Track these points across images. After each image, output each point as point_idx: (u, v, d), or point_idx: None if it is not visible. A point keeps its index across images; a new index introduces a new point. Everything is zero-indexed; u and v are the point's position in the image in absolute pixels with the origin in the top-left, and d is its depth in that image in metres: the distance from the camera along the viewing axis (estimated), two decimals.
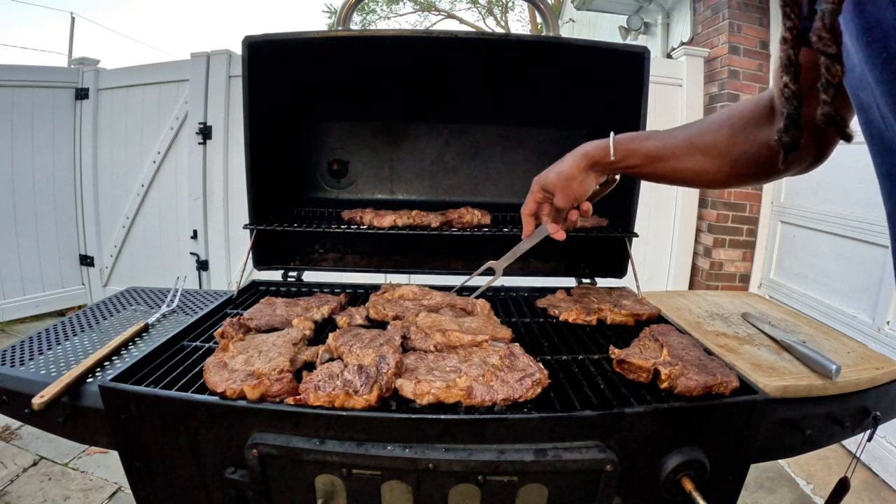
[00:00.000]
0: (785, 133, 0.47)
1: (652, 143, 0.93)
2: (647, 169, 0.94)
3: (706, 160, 0.86)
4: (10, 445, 2.49)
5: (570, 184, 1.00)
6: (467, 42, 1.41)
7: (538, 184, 1.05)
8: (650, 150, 0.92)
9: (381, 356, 0.93)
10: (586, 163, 0.99)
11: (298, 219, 1.67)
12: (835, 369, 1.00)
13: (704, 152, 0.86)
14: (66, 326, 1.28)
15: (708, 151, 0.86)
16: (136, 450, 0.91)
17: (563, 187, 1.00)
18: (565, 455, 0.80)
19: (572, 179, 1.00)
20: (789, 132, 0.47)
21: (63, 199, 4.22)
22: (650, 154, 0.92)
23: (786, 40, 0.44)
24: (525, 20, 16.00)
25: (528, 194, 1.08)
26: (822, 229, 3.06)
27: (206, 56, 3.77)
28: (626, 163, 0.95)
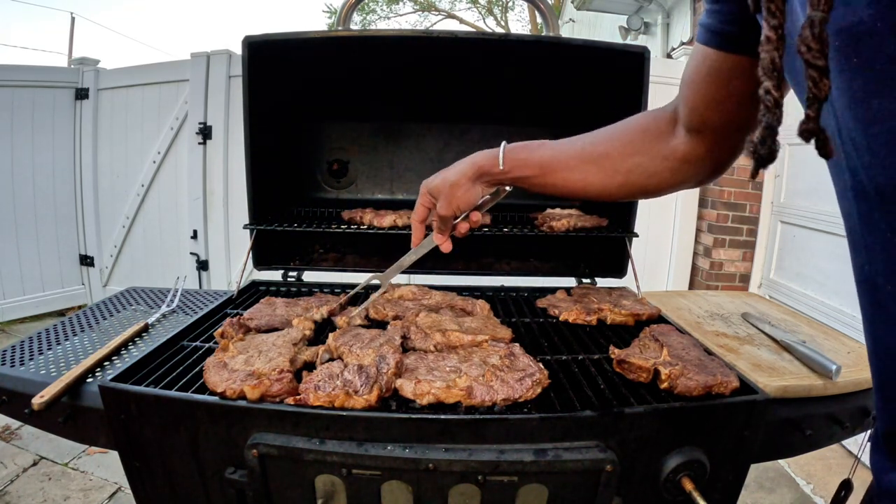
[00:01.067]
0: (761, 145, 0.43)
1: (544, 151, 0.90)
2: (537, 180, 0.90)
3: (598, 170, 0.85)
4: (10, 445, 2.49)
5: (455, 192, 0.94)
6: (467, 42, 1.41)
7: (425, 188, 0.98)
8: (542, 159, 0.89)
9: (381, 356, 0.93)
10: (473, 171, 0.93)
11: (298, 219, 1.67)
12: (835, 369, 1.00)
13: (597, 162, 0.85)
14: (66, 326, 1.28)
15: (600, 162, 0.84)
16: (136, 450, 0.91)
17: (447, 194, 0.94)
18: (565, 455, 0.80)
19: (457, 187, 0.93)
20: (766, 144, 0.43)
21: (63, 199, 4.22)
22: (542, 164, 0.89)
23: (769, 40, 0.40)
24: (525, 20, 16.02)
25: (418, 199, 1.00)
26: (822, 229, 3.06)
27: (206, 56, 3.77)
28: (516, 174, 0.91)
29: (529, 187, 0.94)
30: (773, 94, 0.42)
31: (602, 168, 0.85)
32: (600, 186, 0.86)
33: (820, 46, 0.36)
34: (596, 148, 0.86)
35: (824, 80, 0.37)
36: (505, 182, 0.95)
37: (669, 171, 0.81)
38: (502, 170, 0.92)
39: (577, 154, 0.87)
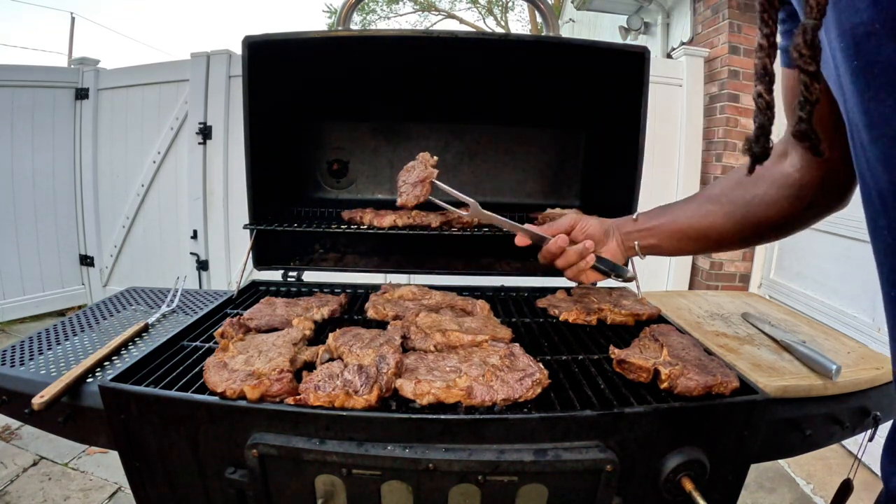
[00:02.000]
0: (756, 143, 0.46)
1: (667, 206, 0.99)
2: (666, 227, 0.96)
3: (718, 209, 0.87)
4: (10, 445, 2.49)
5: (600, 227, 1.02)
6: (467, 42, 1.40)
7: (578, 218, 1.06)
8: (667, 209, 0.97)
9: (381, 356, 0.93)
10: (614, 223, 1.04)
11: (298, 219, 1.67)
12: (835, 369, 1.00)
13: (716, 200, 0.87)
14: (66, 326, 1.28)
15: (719, 199, 0.87)
16: (136, 450, 0.91)
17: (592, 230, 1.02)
18: (565, 455, 0.80)
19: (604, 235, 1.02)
20: (759, 142, 0.46)
21: (63, 199, 4.22)
22: (667, 211, 0.97)
23: (762, 48, 0.42)
24: (525, 20, 16.02)
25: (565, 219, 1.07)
26: (822, 229, 3.06)
27: (206, 56, 3.77)
28: (646, 224, 0.98)
29: (661, 243, 0.99)
30: (765, 97, 0.43)
31: (722, 205, 0.87)
32: (726, 225, 0.87)
33: (811, 52, 0.38)
34: (713, 189, 0.90)
35: (815, 84, 0.39)
36: (636, 238, 1.01)
37: (787, 199, 0.81)
38: (635, 220, 1.00)
39: (696, 198, 0.94)
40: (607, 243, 1.02)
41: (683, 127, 3.68)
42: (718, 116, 3.57)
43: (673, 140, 3.71)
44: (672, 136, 3.70)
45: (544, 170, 1.88)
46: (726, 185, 0.88)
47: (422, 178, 1.22)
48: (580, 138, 1.86)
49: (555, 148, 1.87)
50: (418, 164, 1.26)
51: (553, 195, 1.89)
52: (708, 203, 0.89)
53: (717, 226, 0.89)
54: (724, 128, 3.52)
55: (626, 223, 1.02)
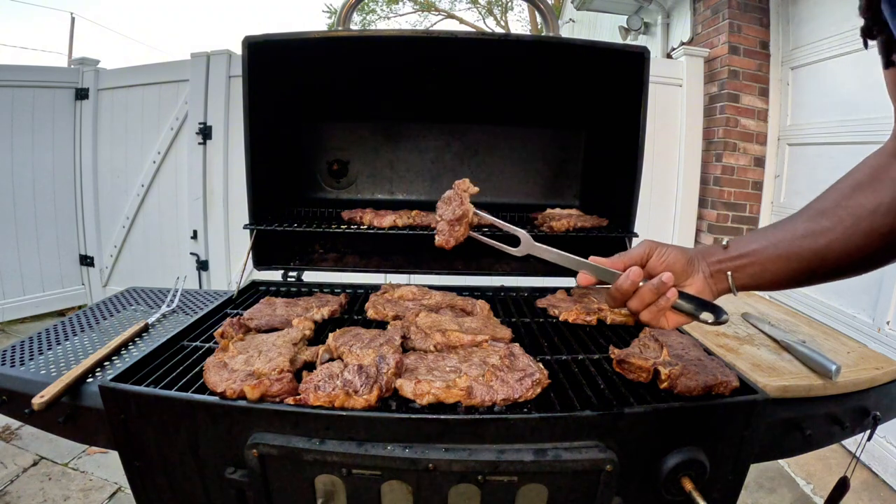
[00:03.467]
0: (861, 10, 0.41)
1: (767, 227, 0.83)
2: (770, 252, 0.79)
3: (836, 223, 0.73)
4: (10, 445, 2.49)
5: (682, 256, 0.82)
6: (467, 42, 1.41)
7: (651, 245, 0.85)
8: (767, 231, 0.81)
9: (381, 356, 0.93)
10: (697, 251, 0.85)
11: (298, 219, 1.67)
12: (835, 369, 1.00)
13: (832, 213, 0.74)
14: (66, 326, 1.28)
15: (834, 212, 0.74)
16: (136, 450, 0.91)
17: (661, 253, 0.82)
18: (565, 455, 0.80)
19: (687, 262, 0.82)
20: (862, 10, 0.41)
21: (63, 199, 4.22)
22: (767, 234, 0.80)
23: None
24: (525, 20, 16.02)
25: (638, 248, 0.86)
26: None
27: (206, 56, 3.77)
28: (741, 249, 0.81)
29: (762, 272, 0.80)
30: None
31: (840, 219, 0.74)
32: (848, 243, 0.74)
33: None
34: (823, 201, 0.76)
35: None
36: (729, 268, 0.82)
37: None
38: (725, 247, 0.83)
39: (803, 214, 0.78)
40: (691, 276, 0.82)
41: (683, 127, 3.68)
42: (718, 116, 3.57)
43: (673, 140, 3.71)
44: (672, 136, 3.70)
45: (544, 170, 1.88)
46: (839, 194, 0.75)
47: (458, 216, 1.09)
48: (580, 138, 1.86)
49: (555, 148, 1.87)
50: (454, 197, 1.12)
51: (553, 195, 1.89)
52: (821, 218, 0.74)
53: (835, 245, 0.74)
54: (724, 128, 3.52)
55: (713, 251, 0.85)
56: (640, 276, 0.81)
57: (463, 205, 1.10)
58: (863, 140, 2.74)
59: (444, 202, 1.12)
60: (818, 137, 3.14)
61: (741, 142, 3.53)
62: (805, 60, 3.26)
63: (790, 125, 3.43)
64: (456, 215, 1.09)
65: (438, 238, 1.10)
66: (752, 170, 3.58)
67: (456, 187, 1.14)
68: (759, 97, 3.51)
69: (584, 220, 1.55)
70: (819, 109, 3.15)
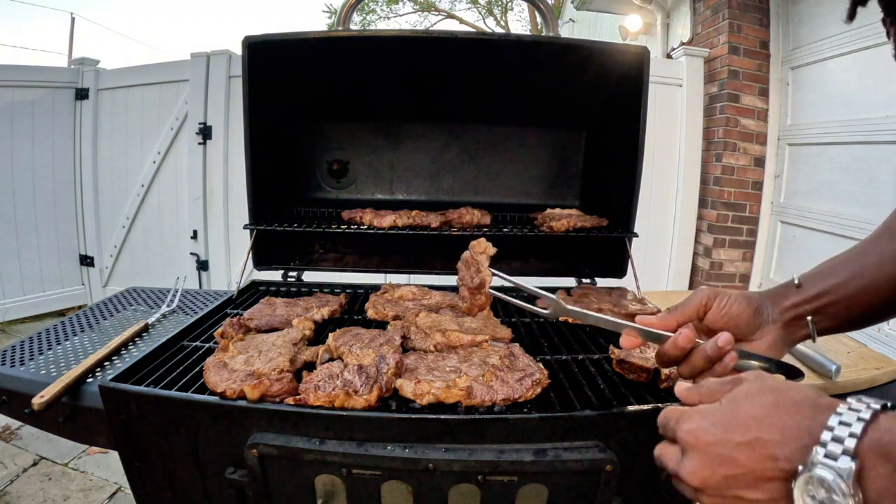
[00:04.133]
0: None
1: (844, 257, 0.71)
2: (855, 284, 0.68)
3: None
4: (10, 445, 2.49)
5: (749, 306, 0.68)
6: (467, 42, 1.40)
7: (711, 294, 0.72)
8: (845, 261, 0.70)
9: (381, 356, 0.93)
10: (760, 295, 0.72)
11: (298, 219, 1.67)
12: (835, 369, 1.00)
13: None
14: (66, 326, 1.28)
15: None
16: (136, 450, 0.91)
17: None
18: (565, 455, 0.80)
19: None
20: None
21: (63, 199, 4.22)
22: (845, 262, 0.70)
23: None
24: (525, 20, 16.01)
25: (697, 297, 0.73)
26: (822, 229, 3.06)
27: (206, 56, 3.77)
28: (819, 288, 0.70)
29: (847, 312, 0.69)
30: None
31: None
32: None
33: None
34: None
35: None
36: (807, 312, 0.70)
37: None
38: (798, 286, 0.71)
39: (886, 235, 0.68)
40: (760, 328, 0.70)
41: (683, 127, 3.68)
42: (718, 116, 3.57)
43: (673, 140, 3.71)
44: (672, 136, 3.70)
45: (544, 170, 1.88)
46: None
47: (477, 284, 1.04)
48: (580, 138, 1.86)
49: (555, 148, 1.87)
50: (471, 261, 1.05)
51: (553, 195, 1.89)
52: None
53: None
54: (723, 128, 3.52)
55: (785, 292, 0.72)
56: (690, 342, 0.69)
57: (480, 272, 1.01)
58: (863, 140, 2.74)
59: (464, 264, 1.03)
60: (818, 137, 3.14)
61: (741, 142, 3.54)
62: (805, 60, 3.26)
63: (790, 125, 3.43)
64: (475, 283, 1.01)
65: (464, 306, 1.05)
66: (752, 170, 3.58)
67: (472, 249, 1.03)
68: (759, 97, 3.52)
69: (584, 220, 1.55)
70: (819, 109, 3.15)
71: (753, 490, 0.46)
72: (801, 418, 0.45)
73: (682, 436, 0.54)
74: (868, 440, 0.40)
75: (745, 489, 0.47)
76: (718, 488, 0.49)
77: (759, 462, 0.46)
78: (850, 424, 0.41)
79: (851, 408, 0.42)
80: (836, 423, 0.42)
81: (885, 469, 0.38)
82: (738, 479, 0.47)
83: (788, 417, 0.45)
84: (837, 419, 0.42)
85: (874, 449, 0.39)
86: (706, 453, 0.50)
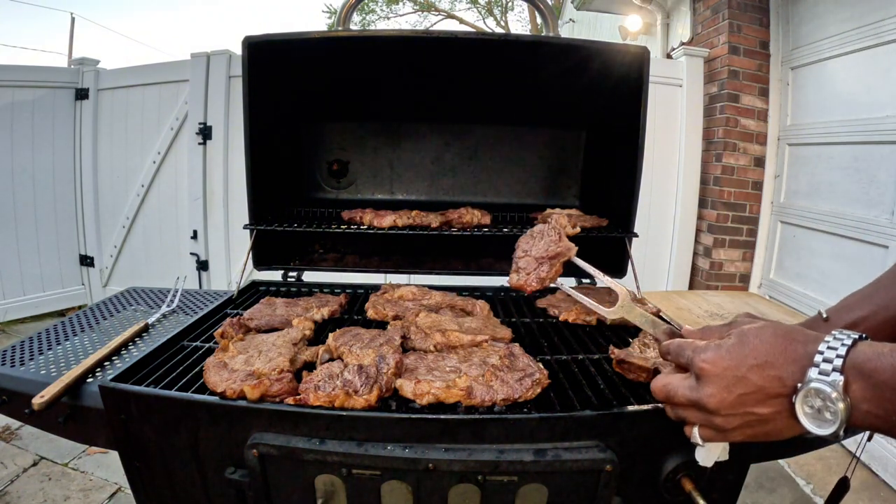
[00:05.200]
0: None
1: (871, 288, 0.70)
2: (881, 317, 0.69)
3: None
4: (10, 445, 2.49)
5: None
6: (467, 42, 1.40)
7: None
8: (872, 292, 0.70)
9: (381, 356, 0.93)
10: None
11: (298, 219, 1.67)
12: None
13: None
14: (66, 326, 1.28)
15: None
16: (136, 450, 0.91)
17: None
18: (565, 455, 0.80)
19: None
20: None
21: (63, 199, 4.22)
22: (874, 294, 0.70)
23: None
24: (525, 20, 16.02)
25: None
26: (822, 229, 3.06)
27: (206, 56, 3.77)
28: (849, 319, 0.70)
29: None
30: None
31: None
32: None
33: None
34: None
35: None
36: None
37: None
38: (826, 320, 0.71)
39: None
40: None
41: (683, 127, 3.68)
42: (718, 116, 3.57)
43: (673, 140, 3.71)
44: (672, 136, 3.70)
45: (544, 170, 1.88)
46: None
47: (553, 253, 0.87)
48: (580, 138, 1.86)
49: (555, 148, 1.87)
50: (549, 231, 0.89)
51: (553, 195, 1.89)
52: None
53: None
54: (723, 128, 3.52)
55: (813, 326, 0.71)
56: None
57: (562, 241, 0.88)
58: (863, 140, 2.74)
59: (533, 237, 0.89)
60: (818, 137, 3.14)
61: (741, 142, 3.53)
62: (805, 60, 3.26)
63: (790, 125, 3.43)
64: (551, 252, 0.86)
65: (516, 278, 0.88)
66: (752, 170, 3.58)
67: (554, 220, 0.91)
68: (759, 97, 3.52)
69: (584, 220, 1.55)
70: (819, 109, 3.15)
71: (762, 406, 0.57)
72: (797, 345, 0.56)
73: (700, 364, 0.60)
74: (849, 360, 0.52)
75: (756, 405, 0.57)
76: (733, 406, 0.58)
77: (769, 381, 0.56)
78: (836, 349, 0.53)
79: (836, 337, 0.54)
80: (825, 349, 0.53)
81: (862, 381, 0.51)
82: (749, 397, 0.57)
83: (788, 344, 0.56)
84: (826, 345, 0.54)
85: (854, 367, 0.51)
86: (723, 377, 0.58)
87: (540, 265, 0.87)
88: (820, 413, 0.53)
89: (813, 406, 0.53)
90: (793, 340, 0.56)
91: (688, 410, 0.63)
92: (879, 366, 0.50)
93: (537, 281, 0.86)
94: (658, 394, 0.67)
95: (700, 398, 0.60)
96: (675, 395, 0.64)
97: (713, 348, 0.60)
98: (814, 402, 0.53)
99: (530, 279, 0.85)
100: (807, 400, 0.53)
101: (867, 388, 0.51)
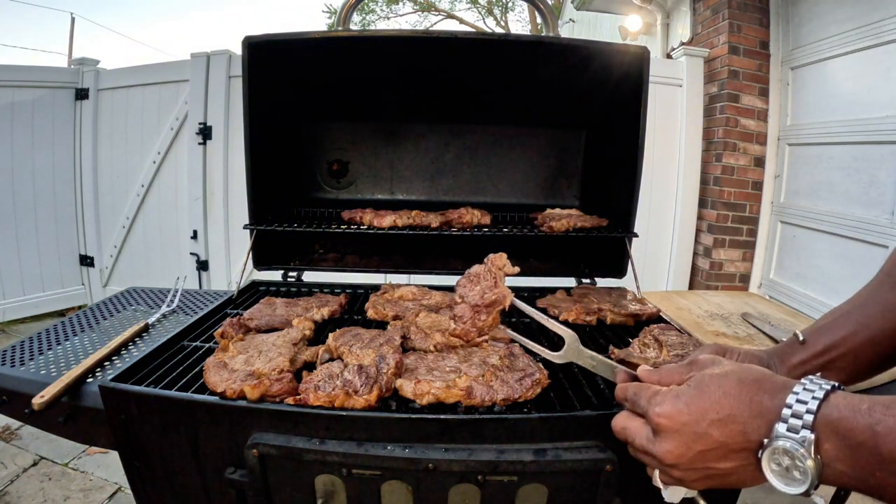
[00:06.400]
0: None
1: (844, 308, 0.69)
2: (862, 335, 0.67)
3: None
4: (10, 445, 2.49)
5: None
6: (467, 42, 1.41)
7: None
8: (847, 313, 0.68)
9: (381, 356, 0.93)
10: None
11: (298, 219, 1.67)
12: None
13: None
14: (66, 326, 1.28)
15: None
16: (136, 450, 0.91)
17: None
18: (565, 455, 0.80)
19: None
20: None
21: (63, 199, 4.22)
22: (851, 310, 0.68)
23: None
24: (525, 20, 16.02)
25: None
26: (822, 229, 3.06)
27: (206, 56, 3.77)
28: (826, 342, 0.68)
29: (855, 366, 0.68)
30: None
31: None
32: None
33: None
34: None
35: None
36: (814, 369, 0.68)
37: None
38: (803, 343, 0.69)
39: (887, 283, 0.67)
40: None
41: (683, 127, 3.68)
42: (718, 116, 3.57)
43: (673, 140, 3.71)
44: (672, 136, 3.70)
45: (544, 170, 1.88)
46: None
47: (488, 301, 0.82)
48: (580, 138, 1.86)
49: (555, 148, 1.87)
50: (485, 275, 0.85)
51: (553, 195, 1.89)
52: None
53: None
54: (723, 128, 3.52)
55: (790, 350, 0.70)
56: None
57: (497, 287, 0.83)
58: (863, 140, 2.74)
59: (470, 280, 0.85)
60: (818, 137, 3.14)
61: (741, 142, 3.53)
62: (805, 60, 3.26)
63: (790, 125, 3.43)
64: (486, 300, 0.82)
65: (456, 326, 0.84)
66: (752, 170, 3.58)
67: (489, 262, 0.87)
68: (759, 97, 3.52)
69: (584, 220, 1.55)
70: (819, 109, 3.15)
71: (724, 461, 0.52)
72: (763, 395, 0.51)
73: (656, 419, 0.56)
74: (822, 416, 0.47)
75: (717, 461, 0.53)
76: (692, 462, 0.54)
77: (731, 436, 0.51)
78: (806, 402, 0.48)
79: (806, 388, 0.49)
80: (794, 402, 0.48)
81: (835, 440, 0.46)
82: (710, 453, 0.53)
83: (753, 395, 0.51)
84: (795, 398, 0.49)
85: (827, 424, 0.47)
86: (681, 433, 0.54)
87: (476, 314, 0.83)
88: (788, 471, 0.48)
89: (780, 464, 0.48)
90: (758, 390, 0.51)
91: (647, 457, 0.59)
92: (856, 426, 0.45)
93: (477, 332, 0.83)
94: (617, 435, 0.64)
95: (657, 453, 0.56)
96: (632, 442, 0.61)
97: (671, 400, 0.55)
98: (781, 460, 0.48)
99: (470, 331, 0.82)
100: (774, 457, 0.49)
101: (842, 449, 0.46)
